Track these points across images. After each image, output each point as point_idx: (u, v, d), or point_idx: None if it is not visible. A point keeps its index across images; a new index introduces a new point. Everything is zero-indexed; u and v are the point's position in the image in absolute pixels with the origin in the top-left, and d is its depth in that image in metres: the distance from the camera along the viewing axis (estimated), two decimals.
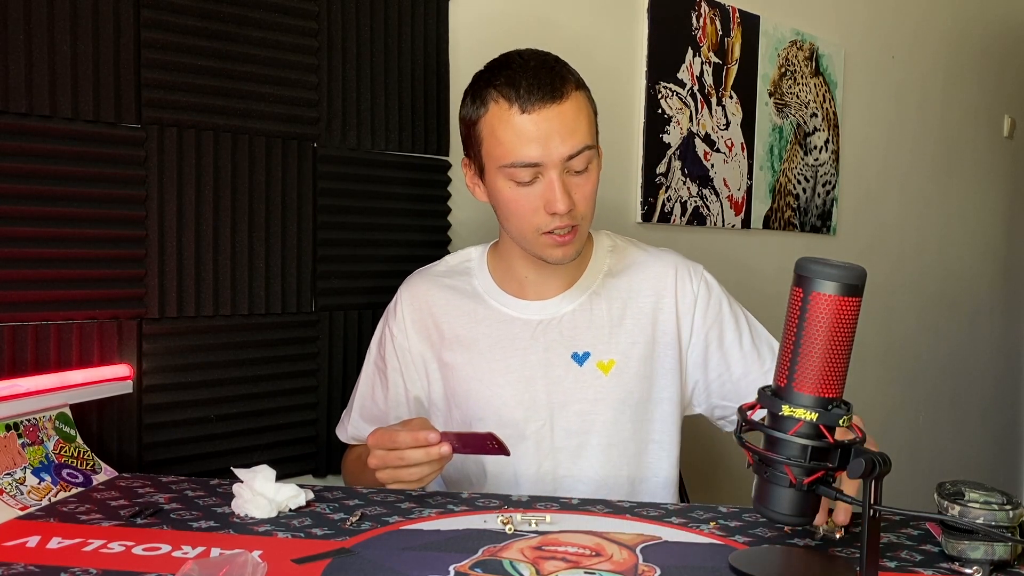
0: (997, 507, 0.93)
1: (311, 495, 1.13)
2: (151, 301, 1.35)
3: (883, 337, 3.02)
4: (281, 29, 1.47)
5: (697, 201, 2.27)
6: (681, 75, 2.19)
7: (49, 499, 1.12)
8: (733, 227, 2.40)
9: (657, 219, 2.15)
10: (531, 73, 1.26)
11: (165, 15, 1.34)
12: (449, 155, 1.72)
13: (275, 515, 1.07)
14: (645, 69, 2.10)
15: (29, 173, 1.24)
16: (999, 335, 3.80)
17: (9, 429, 1.16)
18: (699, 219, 2.28)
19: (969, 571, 0.93)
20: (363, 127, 1.59)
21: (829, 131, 2.73)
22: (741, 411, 0.97)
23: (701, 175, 2.27)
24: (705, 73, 2.26)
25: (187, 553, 0.94)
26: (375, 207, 1.61)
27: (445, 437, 1.15)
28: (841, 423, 0.89)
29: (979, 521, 0.92)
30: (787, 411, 0.90)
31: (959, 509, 0.94)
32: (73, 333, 1.28)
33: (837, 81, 2.73)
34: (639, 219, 2.11)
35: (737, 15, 2.33)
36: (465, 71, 1.73)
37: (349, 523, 1.05)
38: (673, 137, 2.18)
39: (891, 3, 2.98)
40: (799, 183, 2.63)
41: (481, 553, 0.95)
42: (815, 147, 2.68)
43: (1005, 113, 3.67)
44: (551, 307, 1.39)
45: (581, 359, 1.37)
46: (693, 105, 2.23)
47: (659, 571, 0.92)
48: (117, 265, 1.32)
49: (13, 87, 1.21)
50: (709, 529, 1.06)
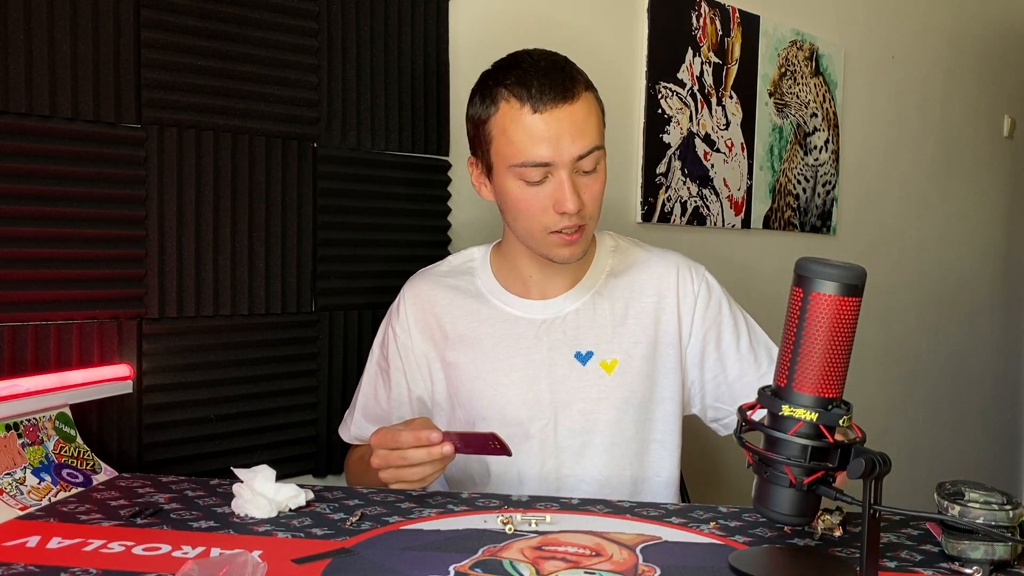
0: (997, 507, 0.93)
1: (311, 495, 1.13)
2: (151, 301, 1.35)
3: (883, 337, 3.02)
4: (281, 29, 1.47)
5: (697, 201, 2.27)
6: (681, 75, 2.19)
7: (49, 499, 1.12)
8: (733, 227, 2.40)
9: (657, 219, 2.15)
10: (543, 73, 1.26)
11: (165, 15, 1.34)
12: (449, 155, 1.71)
13: (275, 515, 1.07)
14: (645, 69, 2.10)
15: (29, 173, 1.24)
16: (999, 335, 3.80)
17: (9, 429, 1.16)
18: (699, 219, 2.28)
19: (969, 571, 0.93)
20: (363, 127, 1.59)
21: (829, 131, 2.73)
22: (741, 411, 0.97)
23: (701, 175, 2.27)
24: (705, 73, 2.26)
25: (187, 553, 0.94)
26: (375, 207, 1.61)
27: (447, 437, 1.15)
28: (841, 423, 0.90)
29: (979, 521, 0.92)
30: (787, 411, 0.90)
31: (959, 509, 0.94)
32: (73, 333, 1.28)
33: (837, 81, 2.73)
34: (639, 219, 2.11)
35: (737, 15, 2.33)
36: (465, 71, 1.73)
37: (349, 523, 1.05)
38: (673, 137, 2.18)
39: (891, 3, 2.98)
40: (799, 183, 2.63)
41: (481, 553, 0.96)
42: (815, 147, 2.68)
43: (1005, 113, 3.67)
44: (554, 306, 1.39)
45: (584, 358, 1.37)
46: (693, 105, 2.23)
47: (659, 571, 0.92)
48: (117, 265, 1.32)
49: (13, 87, 1.21)
50: (709, 529, 1.06)
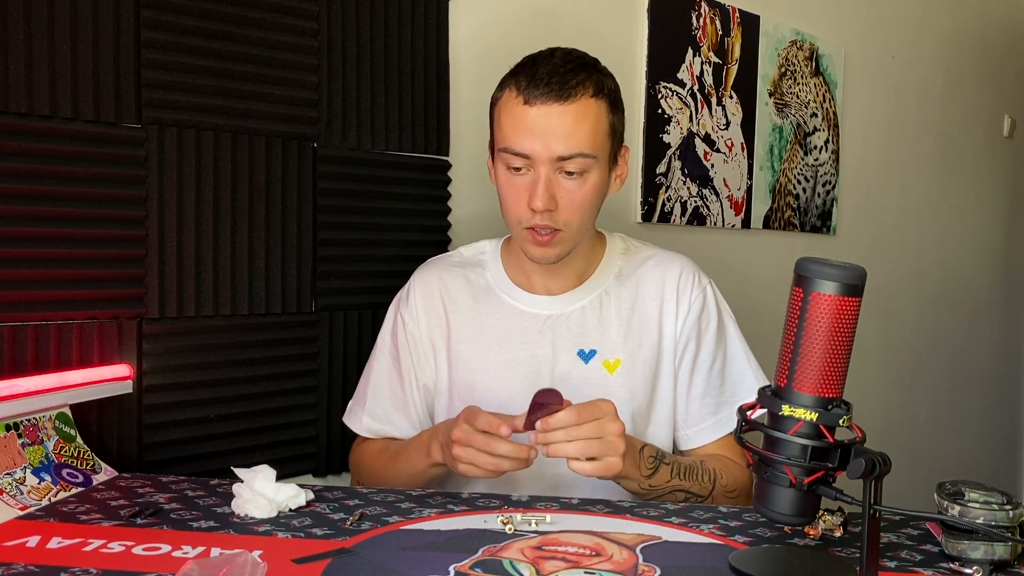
0: (997, 507, 0.93)
1: (311, 495, 1.13)
2: (151, 301, 1.35)
3: (883, 337, 3.02)
4: (281, 29, 1.47)
5: (697, 201, 2.27)
6: (681, 75, 2.19)
7: (49, 499, 1.12)
8: (733, 227, 2.40)
9: (657, 219, 2.15)
10: (549, 69, 1.27)
11: (165, 15, 1.34)
12: (449, 155, 1.71)
13: (275, 515, 1.07)
14: (645, 69, 2.10)
15: (29, 173, 1.24)
16: (999, 335, 3.80)
17: (9, 429, 1.16)
18: (699, 219, 2.28)
19: (969, 571, 0.93)
20: (363, 127, 1.59)
21: (829, 131, 2.73)
22: (741, 411, 0.97)
23: (701, 175, 2.27)
24: (705, 73, 2.26)
25: (187, 553, 0.94)
26: (375, 207, 1.61)
27: (527, 426, 1.14)
28: (841, 423, 0.90)
29: (979, 521, 0.92)
30: (787, 411, 0.90)
31: (959, 509, 0.94)
32: (73, 333, 1.28)
33: (837, 81, 2.73)
34: (639, 219, 2.11)
35: (737, 15, 2.33)
36: (465, 71, 1.73)
37: (349, 523, 1.05)
38: (673, 137, 2.18)
39: (891, 3, 2.98)
40: (799, 183, 2.63)
41: (481, 553, 0.95)
42: (815, 147, 2.68)
43: (1005, 113, 3.67)
44: (560, 303, 1.40)
45: (587, 357, 1.37)
46: (693, 105, 2.23)
47: (659, 571, 0.92)
48: (117, 265, 1.32)
49: (13, 87, 1.21)
50: (709, 529, 1.06)
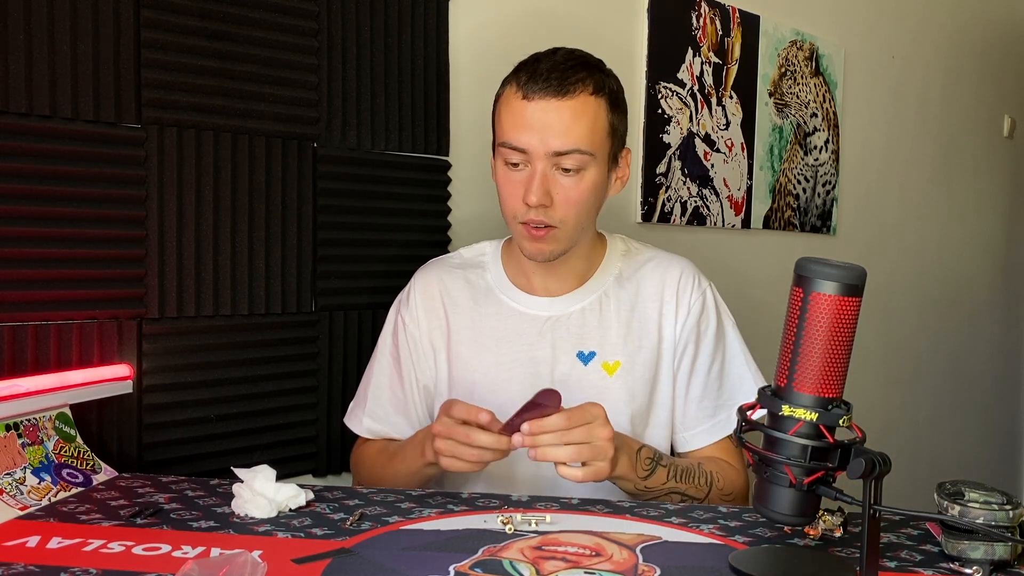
0: (997, 507, 0.93)
1: (311, 495, 1.13)
2: (151, 301, 1.35)
3: (883, 337, 3.02)
4: (281, 29, 1.47)
5: (697, 201, 2.27)
6: (681, 75, 2.19)
7: (49, 499, 1.12)
8: (733, 227, 2.40)
9: (657, 219, 2.15)
10: (550, 65, 1.27)
11: (165, 15, 1.34)
12: (449, 155, 1.71)
13: (275, 515, 1.07)
14: (645, 69, 2.10)
15: (29, 173, 1.24)
16: (999, 335, 3.80)
17: (9, 429, 1.16)
18: (699, 219, 2.28)
19: (969, 571, 0.93)
20: (363, 127, 1.59)
21: (829, 131, 2.73)
22: (741, 411, 0.97)
23: (701, 175, 2.27)
24: (705, 73, 2.26)
25: (187, 553, 0.94)
26: (375, 207, 1.61)
27: (510, 427, 1.14)
28: (841, 423, 0.90)
29: (979, 521, 0.92)
30: (787, 411, 0.90)
31: (959, 509, 0.94)
32: (73, 333, 1.28)
33: (837, 81, 2.73)
34: (639, 219, 2.11)
35: (737, 15, 2.33)
36: (465, 71, 1.73)
37: (349, 523, 1.05)
38: (673, 137, 2.18)
39: (891, 3, 2.98)
40: (799, 183, 2.63)
41: (481, 553, 0.95)
42: (815, 147, 2.68)
43: (1005, 113, 3.67)
44: (560, 304, 1.40)
45: (586, 358, 1.37)
46: (693, 105, 2.23)
47: (659, 571, 0.92)
48: (117, 265, 1.32)
49: (13, 87, 1.21)
50: (709, 529, 1.06)
